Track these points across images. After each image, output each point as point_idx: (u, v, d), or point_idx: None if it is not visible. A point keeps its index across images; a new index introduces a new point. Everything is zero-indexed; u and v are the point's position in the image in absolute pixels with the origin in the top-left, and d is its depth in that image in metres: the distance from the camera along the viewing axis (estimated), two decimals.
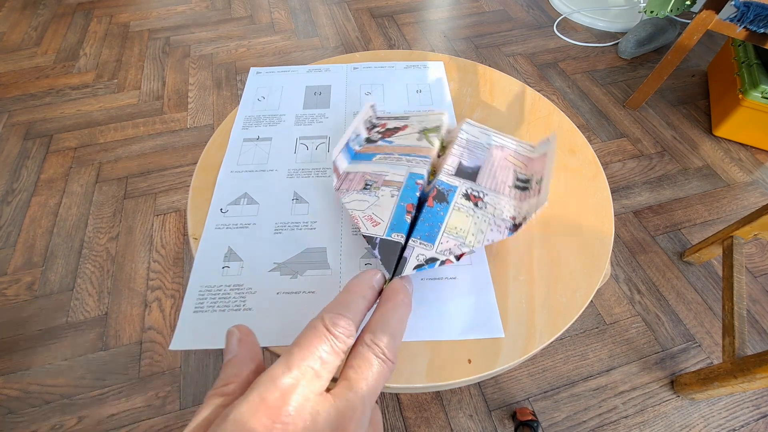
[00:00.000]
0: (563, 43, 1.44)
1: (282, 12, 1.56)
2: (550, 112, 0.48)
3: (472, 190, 0.29)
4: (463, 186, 0.29)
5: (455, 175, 0.31)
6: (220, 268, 0.33)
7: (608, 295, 0.86)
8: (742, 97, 1.04)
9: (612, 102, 1.25)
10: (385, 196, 0.24)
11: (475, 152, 0.34)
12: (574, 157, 0.43)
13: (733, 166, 1.10)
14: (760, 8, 0.90)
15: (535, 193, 0.29)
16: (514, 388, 0.75)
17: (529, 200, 0.30)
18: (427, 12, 1.58)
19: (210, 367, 0.76)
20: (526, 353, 0.30)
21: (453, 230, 0.27)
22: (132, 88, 1.27)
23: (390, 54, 0.54)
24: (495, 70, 0.52)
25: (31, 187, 1.02)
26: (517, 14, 1.57)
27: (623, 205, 1.01)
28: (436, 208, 0.28)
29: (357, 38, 1.46)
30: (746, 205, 1.01)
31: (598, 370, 0.77)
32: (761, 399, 0.74)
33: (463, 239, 0.27)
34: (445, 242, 0.27)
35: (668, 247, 0.93)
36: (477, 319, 0.31)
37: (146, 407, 0.72)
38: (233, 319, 0.30)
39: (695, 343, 0.80)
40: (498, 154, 0.34)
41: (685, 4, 1.20)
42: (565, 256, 0.35)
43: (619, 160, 1.10)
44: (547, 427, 0.71)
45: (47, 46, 1.40)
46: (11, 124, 1.16)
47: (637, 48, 1.36)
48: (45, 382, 0.74)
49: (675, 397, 0.74)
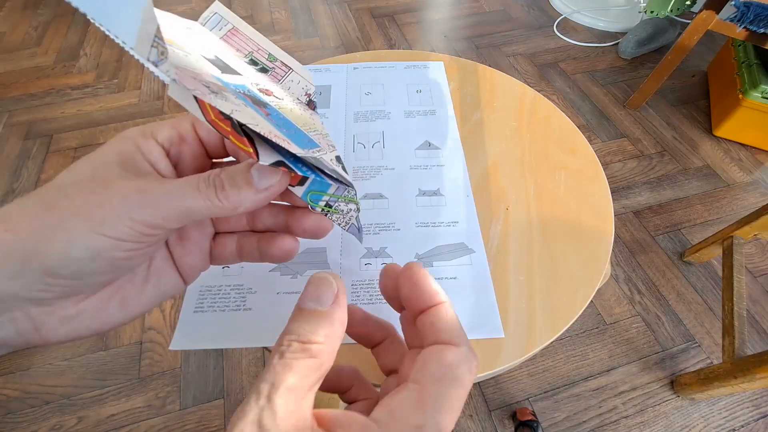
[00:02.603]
0: (563, 43, 1.44)
1: (282, 12, 1.56)
2: (550, 112, 0.48)
3: (257, 84, 0.22)
4: (245, 81, 0.21)
5: (227, 72, 0.21)
6: (221, 268, 0.33)
7: (608, 295, 0.86)
8: (742, 97, 1.04)
9: (612, 102, 1.25)
10: (240, 105, 0.17)
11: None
12: (574, 157, 0.43)
13: (733, 166, 1.10)
14: (760, 8, 0.90)
15: (284, 70, 0.24)
16: (514, 388, 0.75)
17: (287, 78, 0.24)
18: (428, 12, 1.58)
19: (210, 367, 0.76)
20: (526, 353, 0.30)
21: (304, 126, 0.22)
22: (132, 88, 1.27)
23: (390, 54, 0.54)
24: (495, 71, 0.52)
25: (31, 187, 1.02)
26: (518, 14, 1.57)
27: (623, 205, 1.01)
28: (272, 114, 0.20)
29: (357, 38, 1.46)
30: (746, 205, 1.01)
31: (598, 370, 0.77)
32: (761, 399, 0.74)
33: (317, 130, 0.23)
34: (317, 139, 0.21)
35: (668, 247, 0.93)
36: (477, 319, 0.31)
37: (146, 407, 0.72)
38: (233, 319, 0.30)
39: (695, 343, 0.80)
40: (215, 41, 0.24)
41: (685, 4, 1.20)
42: (565, 256, 0.35)
43: (620, 160, 1.10)
44: (547, 427, 0.71)
45: (48, 46, 1.40)
46: (11, 124, 1.16)
47: (637, 48, 1.36)
48: (45, 382, 0.74)
49: (675, 397, 0.74)
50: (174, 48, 0.16)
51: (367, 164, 0.41)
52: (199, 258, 0.21)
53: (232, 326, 0.30)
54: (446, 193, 0.39)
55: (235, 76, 0.20)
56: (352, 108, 0.47)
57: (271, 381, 0.14)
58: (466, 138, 0.44)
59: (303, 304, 0.16)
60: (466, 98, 0.49)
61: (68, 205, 0.15)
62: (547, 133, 0.45)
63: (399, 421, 0.14)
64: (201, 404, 0.72)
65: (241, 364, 0.77)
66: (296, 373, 0.14)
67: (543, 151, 0.43)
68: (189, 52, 0.17)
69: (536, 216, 0.38)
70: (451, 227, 0.37)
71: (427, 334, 0.16)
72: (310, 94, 0.25)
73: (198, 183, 0.16)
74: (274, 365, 0.14)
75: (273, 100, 0.21)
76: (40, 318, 0.15)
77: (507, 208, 0.38)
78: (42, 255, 0.14)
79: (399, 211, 0.38)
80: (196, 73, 0.15)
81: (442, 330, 0.16)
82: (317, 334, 0.15)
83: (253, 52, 0.24)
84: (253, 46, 0.24)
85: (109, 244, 0.15)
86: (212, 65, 0.19)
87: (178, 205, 0.16)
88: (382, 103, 0.48)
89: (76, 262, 0.15)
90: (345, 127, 0.45)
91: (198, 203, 0.16)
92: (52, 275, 0.14)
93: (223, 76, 0.19)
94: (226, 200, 0.16)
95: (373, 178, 0.40)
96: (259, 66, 0.24)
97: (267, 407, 0.13)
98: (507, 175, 0.41)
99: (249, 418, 0.13)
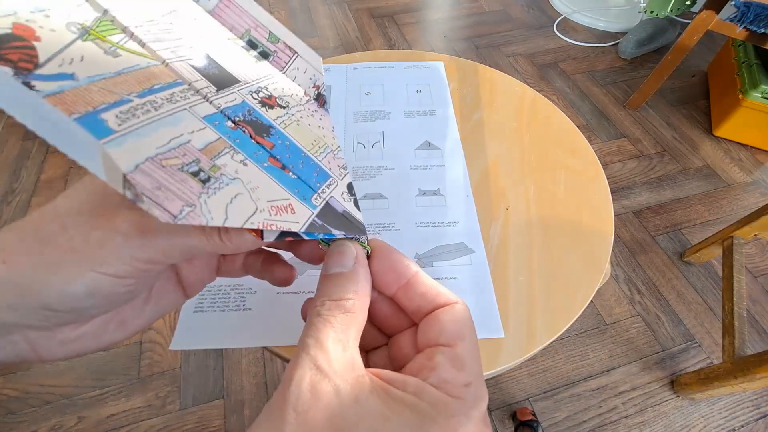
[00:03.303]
0: (563, 43, 1.44)
1: (282, 12, 1.56)
2: (550, 112, 0.48)
3: (259, 92, 0.19)
4: (245, 95, 0.19)
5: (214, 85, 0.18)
6: None
7: (608, 295, 0.86)
8: (742, 97, 1.04)
9: (612, 102, 1.25)
10: (239, 169, 0.15)
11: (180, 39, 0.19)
12: (574, 157, 0.43)
13: (733, 166, 1.10)
14: (760, 8, 0.90)
15: (289, 54, 0.22)
16: (514, 388, 0.75)
17: (292, 65, 0.22)
18: (427, 12, 1.58)
19: (210, 368, 0.76)
20: (526, 353, 0.30)
21: (312, 147, 0.20)
22: None
23: (390, 54, 0.54)
24: (495, 71, 0.52)
25: (30, 187, 1.02)
26: (517, 14, 1.57)
27: (623, 205, 1.01)
28: (277, 143, 0.18)
29: (357, 38, 1.46)
30: (746, 205, 1.01)
31: (598, 370, 0.77)
32: (761, 399, 0.74)
33: (327, 146, 0.21)
34: (327, 163, 0.20)
35: (668, 248, 0.93)
36: (477, 319, 0.31)
37: (146, 407, 0.72)
38: (233, 319, 0.30)
39: (695, 343, 0.80)
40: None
41: (685, 4, 1.20)
42: (565, 256, 0.35)
43: (620, 160, 1.10)
44: (547, 427, 0.71)
45: None
46: (11, 124, 1.16)
47: (637, 48, 1.36)
48: (45, 382, 0.74)
49: (675, 397, 0.74)
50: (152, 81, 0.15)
51: (367, 164, 0.41)
52: (207, 273, 0.21)
53: (232, 326, 0.30)
54: (446, 193, 0.39)
55: (231, 94, 0.18)
56: (352, 108, 0.47)
57: (315, 336, 0.15)
58: (466, 138, 0.44)
59: (328, 271, 0.17)
60: (466, 98, 0.49)
61: (67, 242, 0.14)
62: (547, 133, 0.45)
63: (450, 383, 0.15)
64: (201, 404, 0.72)
65: (241, 364, 0.77)
66: (336, 328, 0.15)
67: (543, 151, 0.43)
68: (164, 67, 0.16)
69: (536, 216, 0.38)
70: (451, 227, 0.37)
71: (422, 305, 0.17)
72: (319, 86, 0.22)
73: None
74: (314, 323, 0.15)
75: (278, 115, 0.19)
76: (39, 341, 0.15)
77: (507, 208, 0.38)
78: (39, 292, 0.14)
79: (399, 212, 0.38)
80: (182, 147, 0.14)
81: (439, 294, 0.17)
82: (347, 291, 0.16)
83: (251, 30, 0.21)
84: (250, 21, 0.21)
85: (107, 281, 0.15)
86: (202, 77, 0.17)
87: (182, 244, 0.16)
88: (381, 103, 0.48)
89: (73, 299, 0.14)
90: (345, 127, 0.45)
91: (201, 243, 0.16)
92: (49, 309, 0.14)
93: (217, 97, 0.17)
94: (230, 242, 0.16)
95: (373, 178, 0.40)
96: (259, 49, 0.21)
97: (320, 353, 0.14)
98: (507, 175, 0.41)
99: (306, 366, 0.14)
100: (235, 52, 0.20)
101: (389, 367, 0.19)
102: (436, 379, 0.15)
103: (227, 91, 0.18)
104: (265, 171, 0.17)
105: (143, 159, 0.12)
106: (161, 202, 0.12)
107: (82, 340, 0.17)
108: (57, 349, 0.16)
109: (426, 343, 0.17)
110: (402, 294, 0.18)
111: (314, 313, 0.16)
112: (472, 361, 0.16)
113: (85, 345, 0.17)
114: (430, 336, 0.17)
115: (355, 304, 0.16)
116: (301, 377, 0.13)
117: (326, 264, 0.17)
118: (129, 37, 0.16)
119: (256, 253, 0.22)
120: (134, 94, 0.14)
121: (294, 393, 0.13)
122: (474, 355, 0.16)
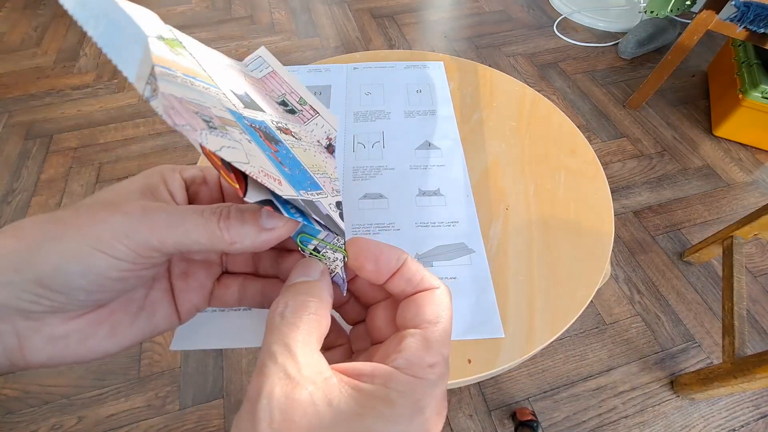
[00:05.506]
0: (563, 43, 1.44)
1: (282, 12, 1.56)
2: (550, 112, 0.48)
3: (278, 122, 0.22)
4: (266, 117, 0.21)
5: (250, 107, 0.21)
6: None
7: (608, 295, 0.86)
8: (742, 97, 1.04)
9: (612, 102, 1.25)
10: (243, 141, 0.16)
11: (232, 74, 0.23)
12: (574, 157, 0.43)
13: (733, 166, 1.10)
14: (760, 8, 0.90)
15: (311, 114, 0.26)
16: (514, 388, 0.75)
17: (313, 121, 0.26)
18: (428, 12, 1.58)
19: (210, 367, 0.76)
20: (526, 353, 0.30)
21: (311, 167, 0.22)
22: (132, 88, 1.27)
23: (390, 54, 0.54)
24: (495, 71, 0.52)
25: (31, 187, 1.02)
26: (518, 14, 1.57)
27: (623, 205, 1.01)
28: (281, 151, 0.20)
29: (357, 38, 1.46)
30: (746, 205, 1.01)
31: (597, 370, 0.77)
32: (761, 399, 0.74)
33: (326, 174, 0.23)
34: (322, 182, 0.22)
35: (668, 247, 0.93)
36: (477, 319, 0.31)
37: (146, 407, 0.72)
38: (233, 319, 0.30)
39: (695, 343, 0.80)
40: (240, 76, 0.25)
41: (685, 4, 1.20)
42: (565, 256, 0.35)
43: (619, 160, 1.10)
44: (547, 427, 0.71)
45: (47, 46, 1.40)
46: (12, 124, 1.16)
47: (637, 48, 1.36)
48: (44, 382, 0.74)
49: (675, 397, 0.74)
50: (195, 79, 0.16)
51: (367, 164, 0.41)
52: (200, 296, 0.21)
53: (232, 326, 0.30)
54: (446, 193, 0.39)
55: (257, 111, 0.21)
56: (352, 108, 0.47)
57: (282, 341, 0.15)
58: (466, 138, 0.44)
59: (292, 281, 0.17)
60: (466, 98, 0.49)
61: (74, 221, 0.15)
62: (547, 133, 0.45)
63: (416, 365, 0.15)
64: (200, 404, 0.72)
65: (240, 364, 0.77)
66: (302, 330, 0.15)
67: (543, 151, 0.43)
68: (212, 86, 0.18)
69: (536, 216, 0.38)
70: (451, 227, 0.37)
71: (406, 289, 0.18)
72: (331, 138, 0.26)
73: (203, 209, 0.17)
74: (278, 327, 0.15)
75: (288, 139, 0.22)
76: (26, 334, 0.16)
77: (507, 208, 0.38)
78: (35, 263, 0.14)
79: (399, 211, 0.38)
80: (202, 106, 0.15)
81: (423, 279, 0.18)
82: (312, 295, 0.16)
83: (286, 94, 0.25)
84: (287, 88, 0.25)
85: (102, 261, 0.15)
86: (238, 99, 0.20)
87: (178, 227, 0.16)
88: (382, 103, 0.48)
89: (66, 274, 0.15)
90: (345, 127, 0.45)
91: (198, 229, 0.16)
92: (42, 285, 0.15)
93: (244, 110, 0.19)
94: (227, 231, 0.16)
95: (373, 178, 0.40)
96: (289, 107, 0.25)
97: (289, 360, 0.14)
98: (507, 175, 0.41)
99: (274, 375, 0.14)
100: (269, 101, 0.24)
101: (365, 339, 0.20)
102: (403, 361, 0.15)
103: (252, 111, 0.20)
104: (266, 156, 0.18)
105: (168, 91, 0.14)
106: (168, 112, 0.13)
107: (68, 341, 0.17)
108: (42, 348, 0.16)
109: (403, 324, 0.17)
110: (389, 281, 0.18)
111: (276, 316, 0.16)
112: (440, 344, 0.16)
113: (71, 348, 0.17)
114: (407, 317, 0.17)
115: (319, 307, 0.16)
116: (271, 389, 0.13)
117: (291, 275, 0.18)
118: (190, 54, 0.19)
119: (254, 280, 0.22)
120: (179, 71, 0.15)
121: (264, 408, 0.13)
122: (444, 338, 0.16)
